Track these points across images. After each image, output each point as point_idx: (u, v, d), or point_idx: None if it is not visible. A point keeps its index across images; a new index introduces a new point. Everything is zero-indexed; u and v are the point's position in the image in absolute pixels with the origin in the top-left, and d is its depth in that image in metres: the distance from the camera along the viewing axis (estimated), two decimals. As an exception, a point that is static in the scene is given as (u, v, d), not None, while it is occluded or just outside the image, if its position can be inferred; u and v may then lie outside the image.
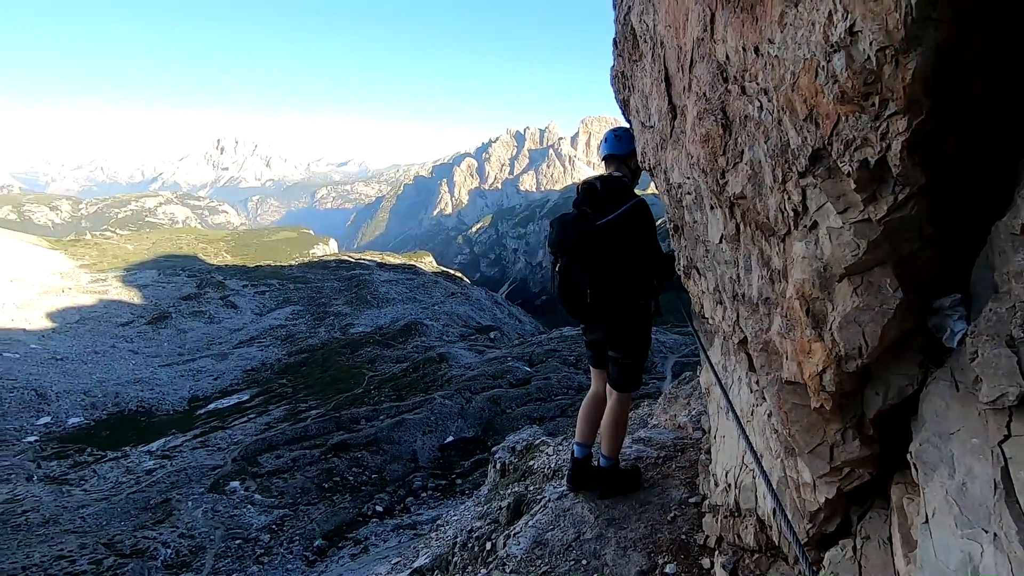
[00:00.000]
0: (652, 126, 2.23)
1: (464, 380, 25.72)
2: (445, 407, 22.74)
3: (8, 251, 78.78)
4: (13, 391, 32.26)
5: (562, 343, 30.90)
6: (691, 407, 4.47)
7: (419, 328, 44.74)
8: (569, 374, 25.86)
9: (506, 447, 6.14)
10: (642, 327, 3.28)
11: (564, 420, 21.20)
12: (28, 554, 14.51)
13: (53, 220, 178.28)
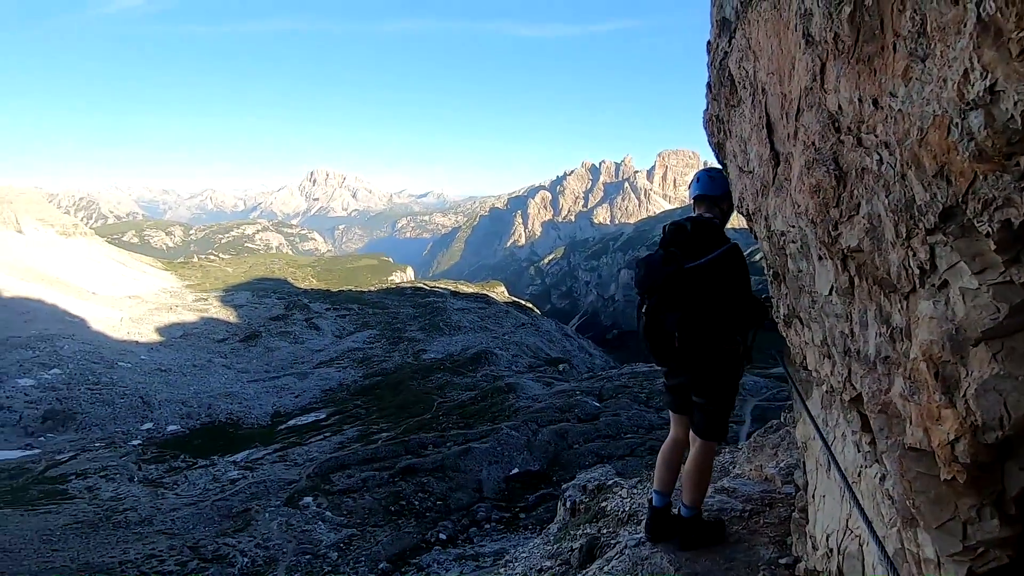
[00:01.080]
0: (751, 172, 2.20)
1: (531, 412, 25.53)
2: (511, 438, 22.60)
3: (129, 271, 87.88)
4: (124, 397, 35.56)
5: (633, 379, 30.06)
6: (779, 458, 4.20)
7: (489, 357, 45.12)
8: (640, 412, 25.03)
9: (577, 485, 6.01)
10: (730, 373, 3.17)
11: (633, 460, 20.45)
12: (124, 551, 15.68)
13: (167, 244, 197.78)
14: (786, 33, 1.64)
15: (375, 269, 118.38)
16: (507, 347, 51.55)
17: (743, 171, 2.36)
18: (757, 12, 1.90)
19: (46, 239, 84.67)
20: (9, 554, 14.40)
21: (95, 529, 16.90)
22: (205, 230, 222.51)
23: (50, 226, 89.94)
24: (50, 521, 17.17)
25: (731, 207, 3.33)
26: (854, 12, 1.25)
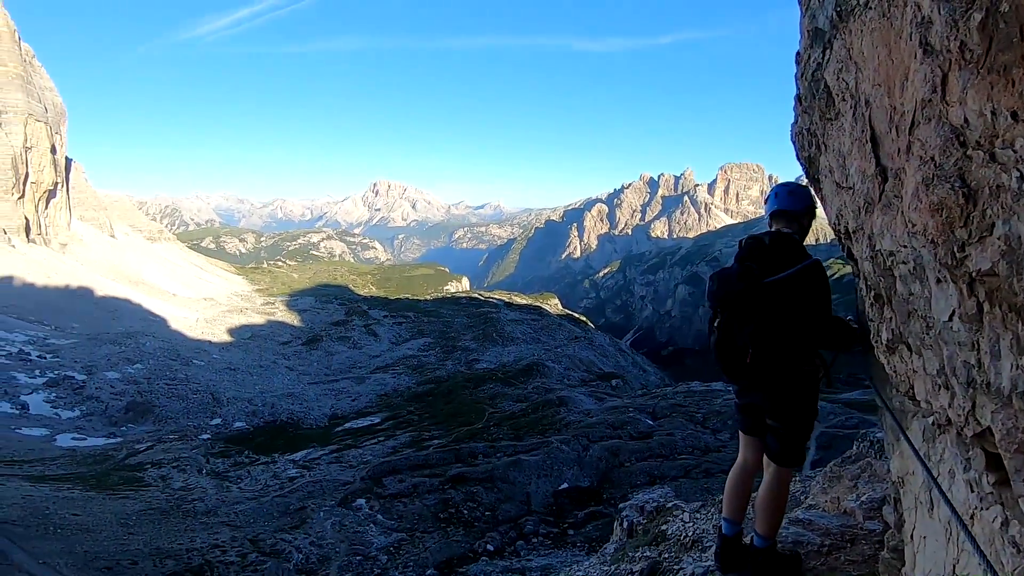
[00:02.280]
0: (851, 187, 2.08)
1: (582, 427, 25.17)
2: (561, 452, 22.34)
3: (205, 274, 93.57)
4: (196, 393, 37.74)
5: (689, 398, 29.12)
6: (860, 491, 3.92)
7: (541, 369, 44.96)
8: (695, 432, 24.19)
9: (634, 505, 5.85)
10: (807, 395, 3.02)
11: (688, 481, 19.75)
12: (192, 538, 16.52)
13: (240, 250, 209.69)
14: (897, 43, 1.55)
15: (431, 278, 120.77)
16: (559, 360, 51.20)
17: (841, 187, 2.24)
18: (861, 21, 1.81)
19: (134, 243, 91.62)
20: (91, 534, 15.48)
21: (166, 516, 17.91)
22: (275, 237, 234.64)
23: (138, 231, 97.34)
24: (127, 506, 18.35)
25: (811, 222, 3.25)
26: (985, 20, 1.17)
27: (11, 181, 72.76)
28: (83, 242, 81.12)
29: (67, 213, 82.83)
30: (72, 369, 39.59)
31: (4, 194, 72.41)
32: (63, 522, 15.75)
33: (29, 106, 76.76)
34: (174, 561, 14.60)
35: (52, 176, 78.69)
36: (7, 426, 30.30)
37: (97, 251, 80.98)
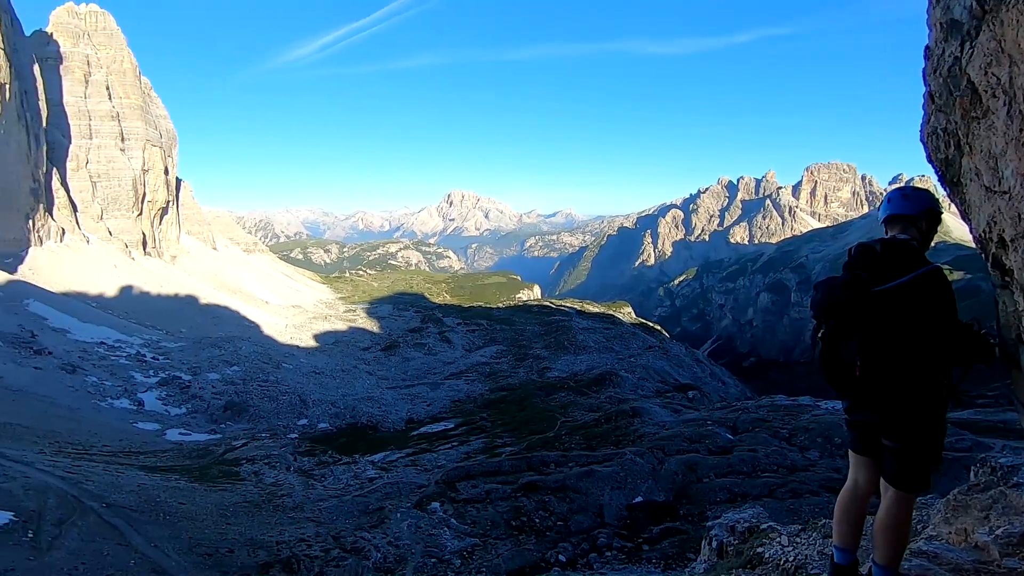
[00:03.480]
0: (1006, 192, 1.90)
1: (657, 439, 24.34)
2: (636, 465, 21.69)
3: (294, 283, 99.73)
4: (285, 395, 40.15)
5: (773, 413, 27.42)
6: (993, 523, 3.46)
7: (613, 379, 44.08)
8: (781, 449, 22.70)
9: (724, 525, 5.52)
10: (931, 413, 2.76)
11: (773, 502, 18.55)
12: (281, 531, 17.50)
13: (325, 260, 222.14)
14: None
15: (504, 286, 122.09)
16: (633, 370, 49.98)
17: (993, 191, 2.04)
18: (1017, 11, 1.61)
19: (233, 255, 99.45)
20: (194, 522, 16.79)
21: (259, 509, 19.11)
22: (356, 248, 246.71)
23: (236, 244, 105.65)
24: (225, 498, 19.76)
25: (932, 226, 3.03)
26: None
27: (132, 200, 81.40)
28: (190, 254, 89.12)
29: (177, 228, 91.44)
30: (180, 370, 43.44)
31: (126, 212, 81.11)
32: (171, 510, 17.20)
33: (147, 133, 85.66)
34: (265, 552, 15.51)
35: (165, 195, 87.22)
36: (127, 420, 33.68)
37: (201, 262, 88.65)
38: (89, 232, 75.58)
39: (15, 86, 65.56)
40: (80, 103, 79.79)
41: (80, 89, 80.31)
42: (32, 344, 40.79)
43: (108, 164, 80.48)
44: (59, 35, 79.78)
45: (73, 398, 35.17)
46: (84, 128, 79.94)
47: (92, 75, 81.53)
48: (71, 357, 41.29)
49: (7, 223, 62.76)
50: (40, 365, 38.04)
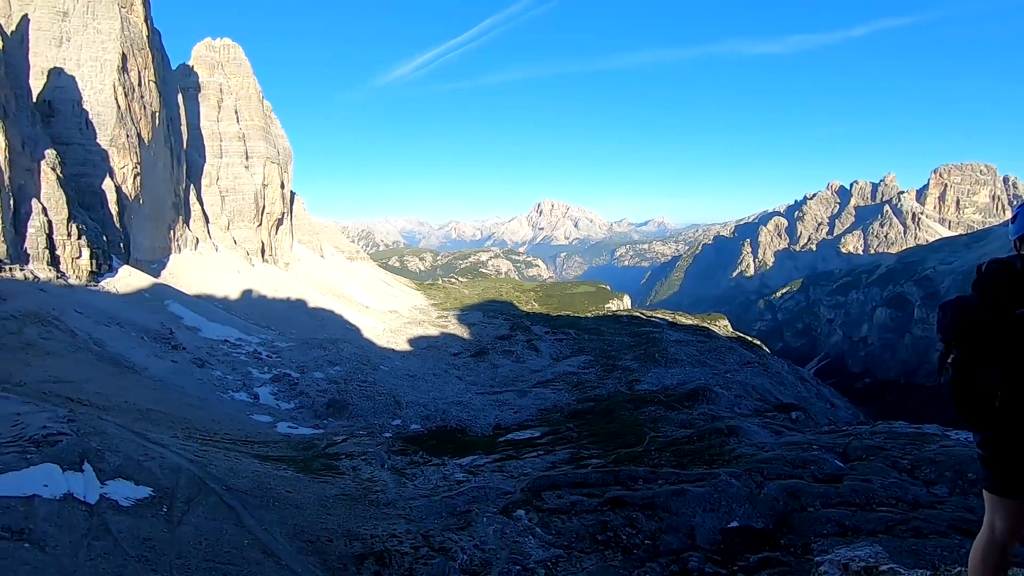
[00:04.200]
0: None
1: (756, 461, 22.88)
2: (731, 487, 20.53)
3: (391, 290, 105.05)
4: (381, 395, 42.32)
5: (892, 441, 24.82)
6: None
7: (707, 394, 42.09)
8: (900, 481, 20.50)
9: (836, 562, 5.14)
10: None
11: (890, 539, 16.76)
12: (375, 525, 18.44)
13: (420, 268, 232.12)
14: None
15: (593, 296, 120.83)
16: (729, 386, 47.41)
17: None
18: None
19: (338, 262, 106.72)
20: (299, 510, 18.16)
21: (356, 502, 20.28)
22: (449, 256, 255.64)
23: (341, 252, 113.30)
24: (326, 490, 21.18)
25: None
26: None
27: (253, 212, 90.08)
28: (300, 261, 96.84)
29: (290, 238, 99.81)
30: (290, 368, 47.25)
31: (248, 223, 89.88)
32: (279, 497, 18.72)
33: (267, 151, 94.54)
34: (360, 544, 16.43)
35: (281, 207, 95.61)
36: (245, 412, 37.16)
37: (310, 269, 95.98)
38: (218, 241, 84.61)
39: (163, 114, 75.23)
40: (213, 126, 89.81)
41: (214, 114, 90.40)
42: (170, 340, 46.26)
43: (235, 180, 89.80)
44: (198, 67, 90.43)
45: (201, 389, 39.42)
46: (216, 148, 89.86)
47: (224, 101, 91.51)
48: (201, 352, 46.31)
49: (154, 233, 71.90)
50: (176, 359, 43.03)
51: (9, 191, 49.13)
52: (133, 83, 68.74)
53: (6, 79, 50.84)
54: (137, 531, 12.74)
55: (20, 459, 13.68)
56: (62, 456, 14.46)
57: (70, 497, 12.89)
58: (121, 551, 11.61)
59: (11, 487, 12.16)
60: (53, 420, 18.36)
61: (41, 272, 49.59)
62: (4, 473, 12.68)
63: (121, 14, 67.92)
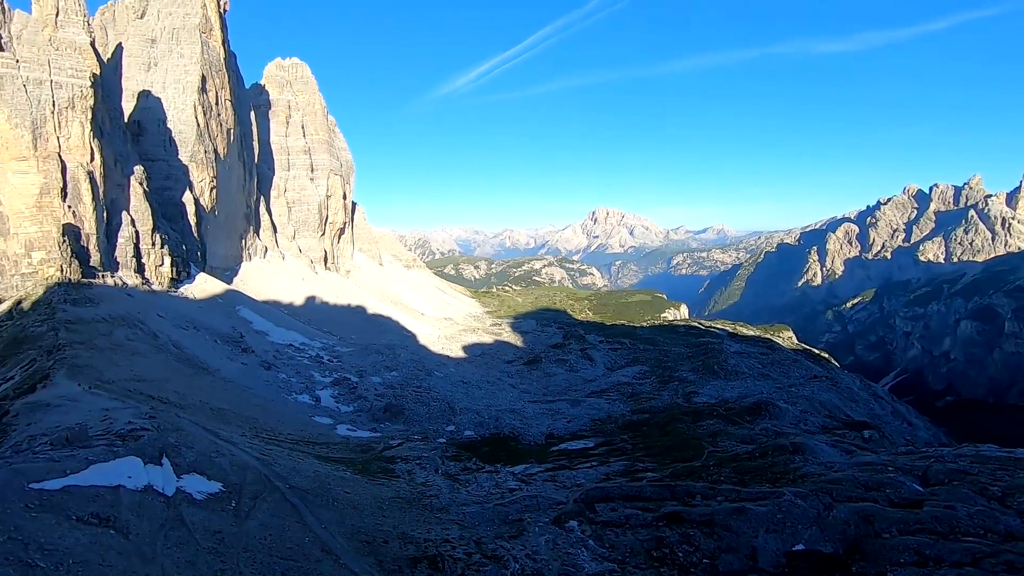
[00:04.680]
0: None
1: (824, 481, 21.62)
2: (796, 508, 19.49)
3: (446, 297, 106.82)
4: (436, 401, 42.98)
5: (980, 465, 22.85)
6: None
7: (770, 409, 40.26)
8: (989, 510, 18.81)
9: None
10: None
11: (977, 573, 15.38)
12: (428, 529, 18.69)
13: (475, 275, 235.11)
14: None
15: (648, 305, 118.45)
16: (794, 400, 45.16)
17: None
18: None
19: (395, 270, 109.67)
20: (357, 511, 18.68)
21: (410, 506, 20.66)
22: (503, 264, 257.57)
23: (398, 260, 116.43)
24: (382, 492, 21.69)
25: None
26: None
27: (317, 222, 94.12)
28: (360, 269, 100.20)
29: (351, 246, 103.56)
30: (349, 372, 48.86)
31: (312, 232, 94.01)
32: (338, 497, 19.33)
33: (331, 164, 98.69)
34: (414, 547, 16.70)
35: (343, 217, 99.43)
36: (307, 414, 38.70)
37: (369, 276, 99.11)
38: (285, 249, 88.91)
39: (237, 130, 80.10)
40: (282, 141, 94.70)
41: (282, 129, 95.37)
42: (240, 343, 48.87)
43: (300, 192, 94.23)
44: (269, 86, 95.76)
45: (268, 391, 41.39)
46: (284, 162, 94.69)
47: (292, 117, 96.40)
48: (268, 356, 48.65)
49: (228, 243, 76.42)
50: (246, 361, 45.41)
51: (103, 204, 53.59)
52: (211, 102, 73.60)
53: (102, 102, 55.60)
54: (208, 524, 13.48)
55: (108, 452, 14.79)
56: (144, 450, 15.52)
57: (150, 489, 13.81)
58: (194, 542, 12.32)
59: (100, 477, 13.16)
60: (137, 416, 19.77)
61: (129, 279, 53.69)
62: (95, 464, 13.74)
63: (201, 39, 72.99)
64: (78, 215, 50.90)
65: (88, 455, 14.06)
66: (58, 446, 15.84)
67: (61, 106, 50.90)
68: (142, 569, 10.25)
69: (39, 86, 50.27)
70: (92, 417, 20.47)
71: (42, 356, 32.90)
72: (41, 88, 50.31)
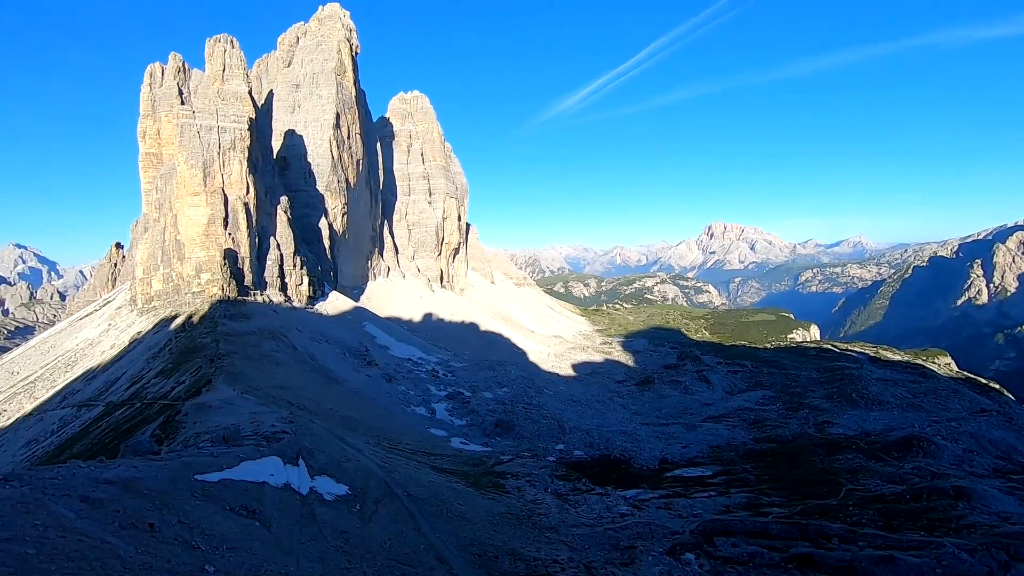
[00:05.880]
0: None
1: (998, 534, 18.39)
2: (960, 563, 16.76)
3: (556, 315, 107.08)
4: (546, 418, 43.00)
5: None
6: None
7: (924, 446, 35.19)
8: None
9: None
10: None
11: None
12: (538, 548, 18.61)
13: (584, 293, 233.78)
14: None
15: (772, 325, 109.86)
16: (955, 437, 39.11)
17: None
18: None
19: (506, 288, 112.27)
20: (469, 523, 19.14)
21: (520, 522, 20.75)
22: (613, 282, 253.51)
23: (509, 279, 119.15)
24: (493, 507, 22.04)
25: None
26: None
27: (434, 243, 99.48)
28: (473, 287, 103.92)
29: (465, 266, 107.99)
30: (462, 387, 50.60)
31: (430, 252, 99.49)
32: (452, 508, 19.96)
33: (447, 187, 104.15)
34: (524, 565, 16.71)
35: (458, 238, 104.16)
36: (423, 425, 40.61)
37: (482, 294, 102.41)
38: (405, 269, 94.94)
39: (365, 160, 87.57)
40: (403, 168, 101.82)
41: (404, 157, 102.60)
42: (366, 356, 52.69)
43: (419, 215, 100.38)
44: (393, 118, 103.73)
45: (389, 402, 44.07)
46: (405, 187, 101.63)
47: (412, 145, 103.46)
48: (389, 369, 51.91)
49: (356, 264, 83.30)
50: (370, 373, 48.82)
51: (256, 231, 61.02)
52: (343, 136, 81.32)
53: (257, 142, 63.69)
54: (337, 523, 14.57)
55: (255, 451, 16.60)
56: (284, 451, 17.20)
57: (288, 487, 15.25)
58: (324, 539, 13.36)
59: (249, 473, 14.79)
60: (279, 420, 22.00)
61: (274, 296, 60.39)
62: (244, 461, 15.48)
63: (336, 80, 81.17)
64: (236, 241, 58.43)
65: (239, 453, 15.87)
66: (216, 443, 18.07)
67: (225, 147, 59.04)
68: (280, 559, 11.31)
69: (209, 132, 58.75)
70: (243, 419, 23.11)
71: (206, 364, 37.91)
72: (210, 133, 58.77)
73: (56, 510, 8.73)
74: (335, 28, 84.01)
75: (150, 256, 59.27)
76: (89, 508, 9.52)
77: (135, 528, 9.59)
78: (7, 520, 7.67)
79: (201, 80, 62.78)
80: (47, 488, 9.58)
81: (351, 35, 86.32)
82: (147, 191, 71.43)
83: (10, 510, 8.02)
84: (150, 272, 59.15)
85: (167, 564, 8.76)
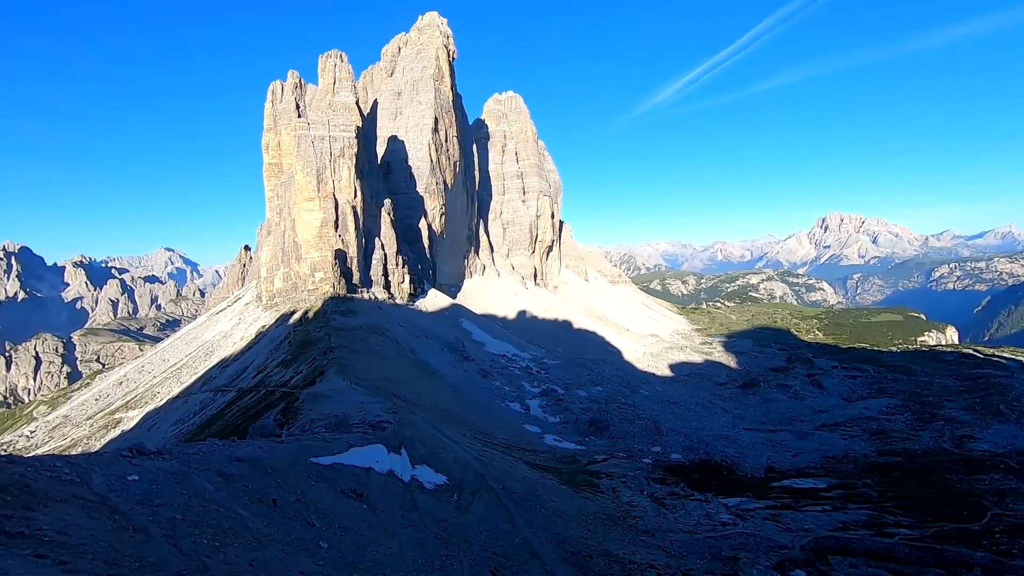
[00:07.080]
0: None
1: None
2: None
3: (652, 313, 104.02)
4: (641, 419, 41.95)
5: None
6: None
7: (1095, 470, 30.09)
8: None
9: None
10: None
11: None
12: (633, 552, 18.22)
13: (682, 291, 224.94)
14: None
15: (899, 326, 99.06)
16: None
17: None
18: None
19: (600, 286, 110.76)
20: (562, 520, 19.17)
21: (615, 524, 20.44)
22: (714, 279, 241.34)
23: (603, 276, 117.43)
24: (587, 507, 21.89)
25: None
26: None
27: (528, 241, 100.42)
28: (567, 285, 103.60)
29: (558, 263, 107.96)
30: (556, 384, 50.67)
31: (524, 250, 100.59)
32: (545, 504, 20.09)
33: (540, 186, 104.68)
34: (619, 567, 16.44)
35: (551, 236, 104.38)
36: (518, 421, 41.21)
37: (575, 292, 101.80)
38: (499, 267, 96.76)
39: (461, 162, 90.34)
40: (498, 168, 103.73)
41: (498, 157, 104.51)
42: (462, 352, 54.41)
43: (513, 213, 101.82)
44: (488, 119, 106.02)
45: (485, 396, 45.18)
46: (500, 187, 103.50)
47: (506, 145, 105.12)
48: (485, 364, 53.20)
49: (453, 262, 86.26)
50: (466, 368, 50.35)
51: (362, 232, 65.16)
52: (441, 140, 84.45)
53: (363, 149, 67.93)
54: (435, 511, 15.21)
55: (363, 438, 17.75)
56: (388, 440, 18.24)
57: (392, 474, 16.16)
58: (424, 525, 14.01)
59: (357, 459, 15.86)
60: (383, 410, 23.33)
61: (379, 294, 64.14)
62: (353, 447, 16.62)
63: (435, 86, 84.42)
64: (345, 242, 62.78)
65: (349, 439, 17.04)
66: (329, 429, 19.54)
67: (335, 155, 63.57)
68: (385, 541, 12.02)
69: (321, 141, 63.55)
70: (352, 408, 24.77)
71: (320, 356, 41.12)
72: (323, 142, 63.54)
73: (198, 482, 9.90)
74: (433, 36, 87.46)
75: (272, 257, 65.34)
76: (224, 482, 10.71)
77: (261, 503, 10.64)
78: (161, 488, 8.83)
79: (315, 94, 68.13)
80: (191, 462, 10.89)
81: (448, 41, 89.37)
82: (270, 198, 78.73)
83: (163, 480, 9.22)
84: (272, 271, 65.22)
85: (288, 537, 9.65)
